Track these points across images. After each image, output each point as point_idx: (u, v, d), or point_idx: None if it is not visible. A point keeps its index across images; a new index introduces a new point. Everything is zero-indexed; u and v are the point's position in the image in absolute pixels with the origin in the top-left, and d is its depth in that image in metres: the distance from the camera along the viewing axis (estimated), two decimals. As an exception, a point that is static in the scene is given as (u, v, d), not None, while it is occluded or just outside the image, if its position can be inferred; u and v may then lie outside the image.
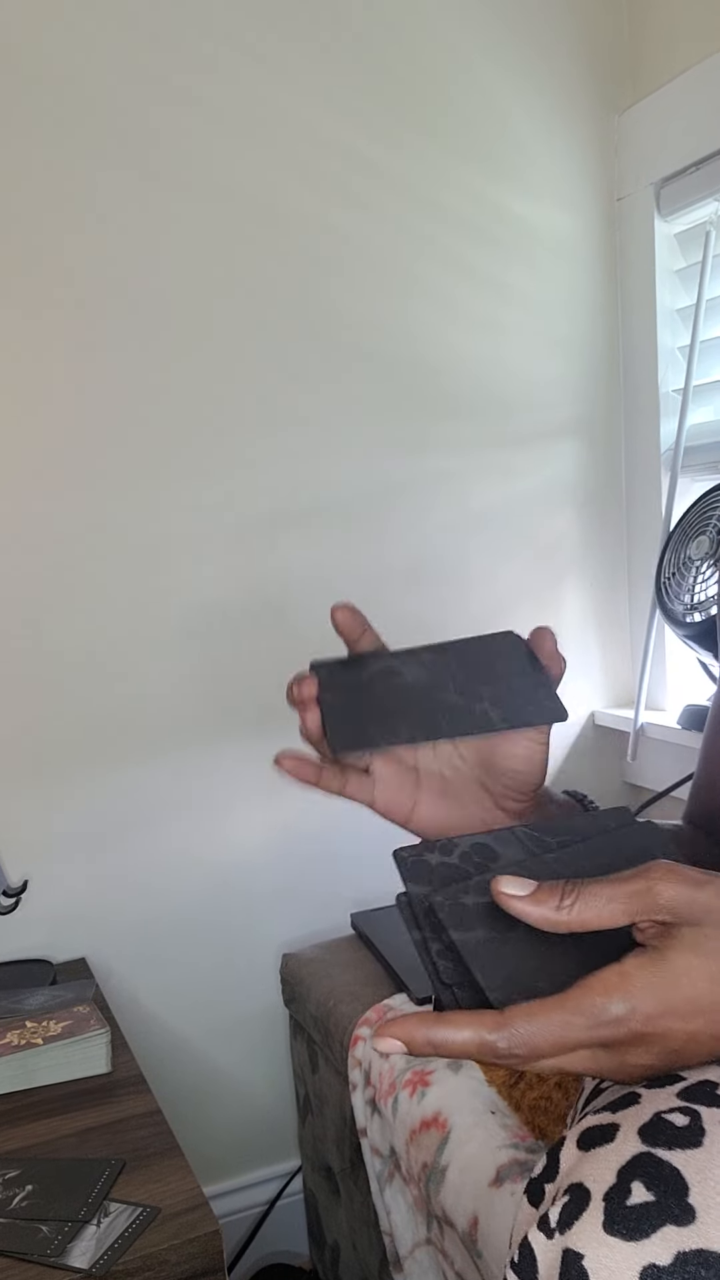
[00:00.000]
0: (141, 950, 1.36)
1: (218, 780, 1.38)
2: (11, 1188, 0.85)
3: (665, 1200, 0.38)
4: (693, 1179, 0.39)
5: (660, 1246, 0.37)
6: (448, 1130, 0.95)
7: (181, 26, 1.27)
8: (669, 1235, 0.38)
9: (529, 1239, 0.41)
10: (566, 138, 1.51)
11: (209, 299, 1.32)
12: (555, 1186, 0.43)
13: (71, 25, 1.23)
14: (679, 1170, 0.39)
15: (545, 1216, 0.41)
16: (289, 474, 1.38)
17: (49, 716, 1.29)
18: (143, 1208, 0.82)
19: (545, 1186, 0.43)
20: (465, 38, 1.43)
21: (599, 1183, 0.40)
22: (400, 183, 1.41)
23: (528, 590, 1.55)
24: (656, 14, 1.48)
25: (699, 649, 1.37)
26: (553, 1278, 0.39)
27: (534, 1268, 0.41)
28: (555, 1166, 0.44)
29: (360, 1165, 1.16)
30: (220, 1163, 1.45)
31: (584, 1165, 0.41)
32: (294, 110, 1.34)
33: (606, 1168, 0.40)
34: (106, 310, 1.28)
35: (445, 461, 1.47)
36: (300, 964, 1.34)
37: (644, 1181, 0.39)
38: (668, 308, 1.52)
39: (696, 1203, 0.38)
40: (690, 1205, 0.38)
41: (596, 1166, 0.41)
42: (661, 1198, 0.38)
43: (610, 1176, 0.40)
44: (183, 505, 1.33)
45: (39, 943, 1.31)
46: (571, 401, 1.56)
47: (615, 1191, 0.39)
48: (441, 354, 1.46)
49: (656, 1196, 0.38)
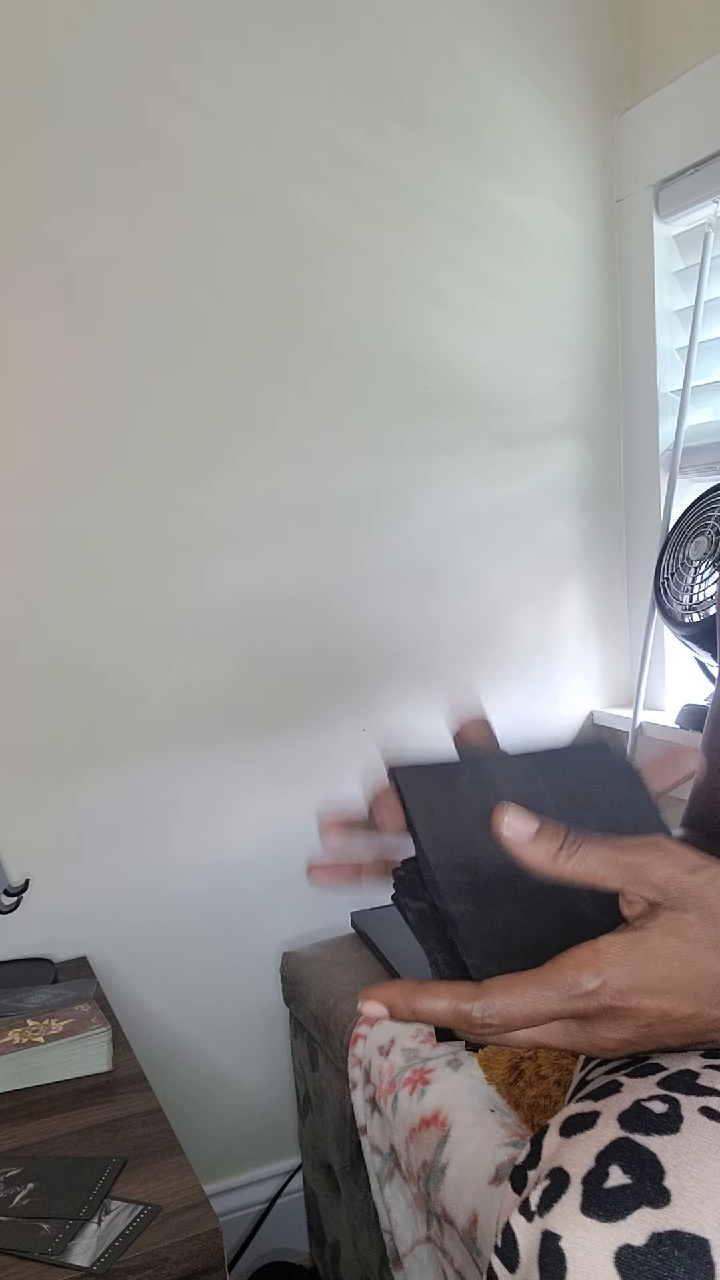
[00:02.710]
0: (142, 949, 1.37)
1: (218, 779, 1.38)
2: (12, 1186, 0.86)
3: (641, 1183, 0.39)
4: (669, 1163, 0.40)
5: (635, 1228, 0.38)
6: (447, 1128, 0.95)
7: (177, 23, 1.28)
8: (644, 1217, 0.38)
9: (510, 1223, 0.42)
10: (566, 139, 1.51)
11: (206, 300, 1.32)
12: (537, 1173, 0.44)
13: (69, 25, 1.23)
14: (656, 1155, 0.40)
15: (526, 1200, 0.42)
16: (288, 475, 1.39)
17: (50, 716, 1.29)
18: (143, 1206, 0.82)
19: (528, 1173, 0.44)
20: (464, 38, 1.43)
21: (578, 1167, 0.41)
22: (399, 183, 1.41)
23: (527, 591, 1.56)
24: (656, 14, 1.48)
25: (697, 649, 1.37)
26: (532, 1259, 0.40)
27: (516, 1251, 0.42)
28: (538, 1153, 0.45)
29: (360, 1163, 1.16)
30: (220, 1161, 1.46)
31: (564, 1151, 0.42)
32: (293, 110, 1.34)
33: (585, 1152, 0.41)
34: (103, 310, 1.28)
35: (444, 462, 1.48)
36: (300, 962, 1.35)
37: (621, 1165, 0.40)
38: (666, 309, 1.52)
39: (672, 1186, 0.39)
40: (666, 1188, 0.39)
41: (576, 1152, 0.42)
42: (638, 1181, 0.39)
43: (589, 1161, 0.41)
44: (182, 506, 1.33)
45: (40, 941, 1.31)
46: (570, 402, 1.56)
47: (593, 1175, 0.40)
48: (441, 355, 1.46)
49: (633, 1179, 0.39)
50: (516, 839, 0.46)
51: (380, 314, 1.42)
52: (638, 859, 0.45)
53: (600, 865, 0.45)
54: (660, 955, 0.43)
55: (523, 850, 0.46)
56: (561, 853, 0.45)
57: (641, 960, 0.43)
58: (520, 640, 1.56)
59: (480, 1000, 0.44)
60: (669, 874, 0.44)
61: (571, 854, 0.45)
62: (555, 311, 1.53)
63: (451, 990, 0.44)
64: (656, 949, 0.43)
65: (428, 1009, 0.45)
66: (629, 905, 0.46)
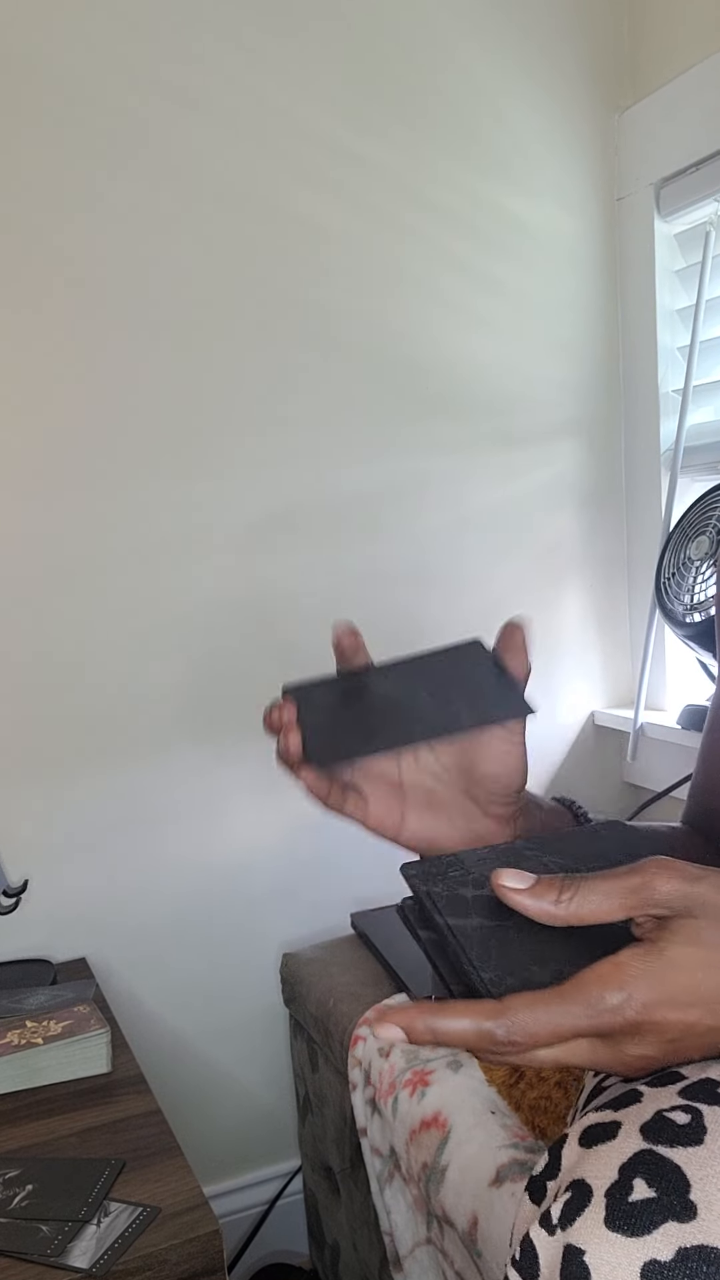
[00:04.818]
0: (141, 950, 1.36)
1: (218, 780, 1.38)
2: (12, 1187, 0.86)
3: (667, 1197, 0.38)
4: (694, 1176, 0.39)
5: (662, 1242, 0.38)
6: (448, 1130, 0.95)
7: (177, 23, 1.27)
8: (670, 1231, 0.38)
9: (530, 1236, 0.42)
10: (566, 138, 1.51)
11: (206, 299, 1.32)
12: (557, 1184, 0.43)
13: (69, 24, 1.23)
14: (680, 1167, 0.39)
15: (547, 1213, 0.41)
16: (287, 474, 1.38)
17: (50, 717, 1.29)
18: (143, 1207, 0.82)
19: (547, 1184, 0.44)
20: (464, 37, 1.43)
21: (601, 1179, 0.40)
22: (399, 183, 1.41)
23: (527, 590, 1.55)
24: (656, 14, 1.48)
25: (699, 649, 1.37)
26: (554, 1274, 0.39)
27: (535, 1264, 0.41)
28: (557, 1164, 0.44)
29: (360, 1165, 1.16)
30: (220, 1162, 1.45)
31: (586, 1162, 0.41)
32: (294, 110, 1.34)
33: (608, 1165, 0.40)
34: (101, 310, 1.28)
35: (445, 462, 1.47)
36: (300, 964, 1.35)
37: (645, 1178, 0.39)
38: (667, 308, 1.52)
39: (698, 1199, 0.38)
40: (692, 1202, 0.38)
41: (598, 1163, 0.41)
42: (663, 1194, 0.39)
43: (612, 1173, 0.40)
44: (181, 506, 1.33)
45: (39, 942, 1.31)
46: (571, 401, 1.56)
47: (617, 1188, 0.39)
48: (441, 354, 1.46)
49: (658, 1193, 0.39)
50: (515, 896, 0.46)
51: (380, 313, 1.41)
52: (638, 882, 0.44)
53: (603, 901, 0.45)
54: (682, 964, 0.43)
55: (523, 904, 0.46)
56: (562, 899, 0.45)
57: (664, 971, 0.43)
58: (521, 640, 1.55)
59: (504, 1018, 0.43)
60: (672, 888, 0.44)
61: (572, 898, 0.45)
62: (556, 311, 1.53)
63: (473, 1009, 0.43)
64: (677, 958, 0.43)
65: (448, 1029, 0.44)
66: (638, 926, 0.45)
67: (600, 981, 0.43)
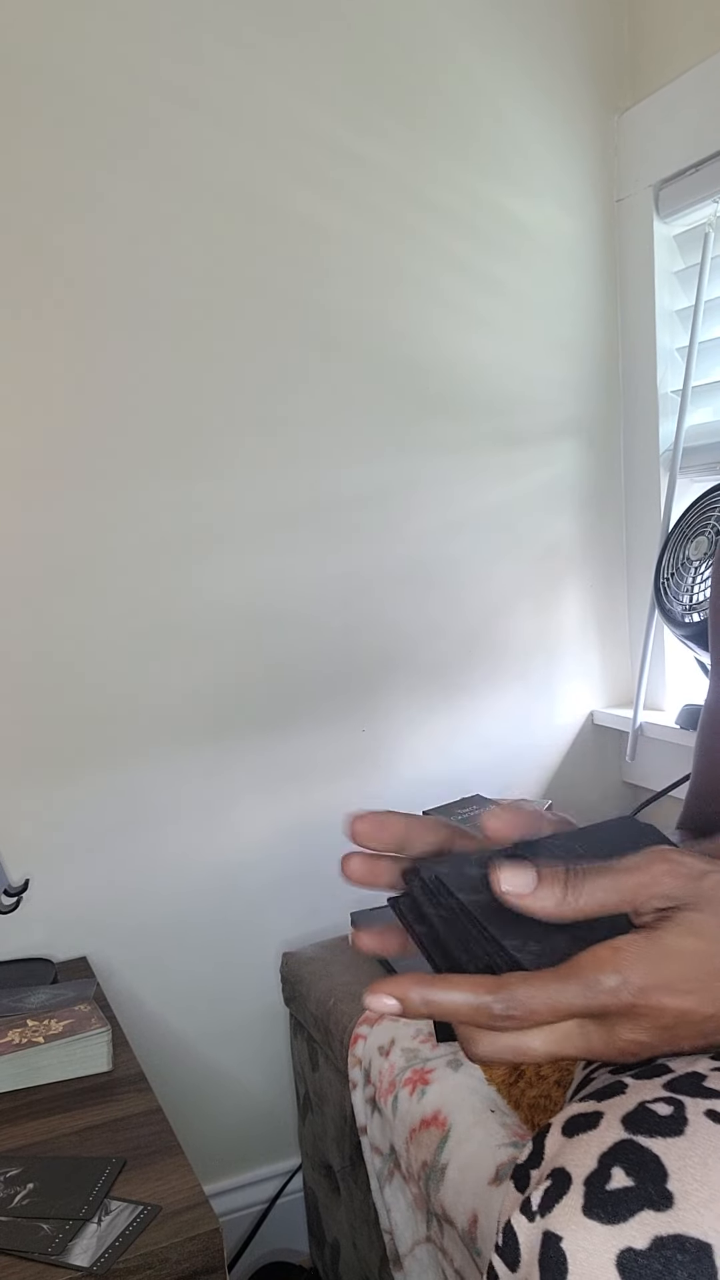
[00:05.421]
0: (142, 949, 1.37)
1: (218, 779, 1.38)
2: (12, 1186, 0.86)
3: (644, 1186, 0.39)
4: (672, 1166, 0.39)
5: (637, 1230, 0.38)
6: (447, 1128, 0.95)
7: (177, 23, 1.28)
8: (646, 1220, 0.38)
9: (512, 1222, 0.42)
10: (566, 138, 1.51)
11: (206, 300, 1.32)
12: (539, 1172, 0.44)
13: (69, 24, 1.23)
14: (659, 1157, 0.40)
15: (527, 1200, 0.42)
16: (288, 474, 1.39)
17: (50, 716, 1.29)
18: (143, 1206, 0.82)
19: (530, 1172, 0.44)
20: (464, 37, 1.43)
21: (580, 1168, 0.41)
22: (399, 183, 1.41)
23: (527, 590, 1.55)
24: (656, 14, 1.48)
25: (697, 649, 1.37)
26: (533, 1259, 0.40)
27: (517, 1251, 0.42)
28: (540, 1153, 0.44)
29: (360, 1163, 1.16)
30: (220, 1161, 1.46)
31: (567, 1151, 0.42)
32: (294, 110, 1.34)
33: (588, 1153, 0.41)
34: (101, 310, 1.28)
35: (444, 462, 1.47)
36: (300, 963, 1.35)
37: (624, 1167, 0.40)
38: (667, 309, 1.52)
39: (675, 1189, 0.39)
40: (669, 1191, 0.39)
41: (579, 1152, 0.41)
42: (640, 1183, 0.39)
43: (591, 1162, 0.41)
44: (181, 506, 1.33)
45: (40, 941, 1.31)
46: (571, 402, 1.56)
47: (596, 1176, 0.40)
48: (441, 354, 1.46)
49: (636, 1182, 0.39)
50: (519, 892, 0.46)
51: (380, 313, 1.42)
52: (643, 878, 0.45)
53: (608, 894, 0.45)
54: (679, 954, 0.43)
55: (528, 903, 0.46)
56: (568, 894, 0.45)
57: (660, 958, 0.43)
58: (520, 640, 1.56)
59: (502, 991, 0.43)
60: (675, 883, 0.44)
61: (578, 893, 0.45)
62: (556, 311, 1.53)
63: (470, 983, 0.43)
64: (674, 947, 0.43)
65: (443, 1001, 0.43)
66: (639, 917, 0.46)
67: (596, 964, 0.43)
